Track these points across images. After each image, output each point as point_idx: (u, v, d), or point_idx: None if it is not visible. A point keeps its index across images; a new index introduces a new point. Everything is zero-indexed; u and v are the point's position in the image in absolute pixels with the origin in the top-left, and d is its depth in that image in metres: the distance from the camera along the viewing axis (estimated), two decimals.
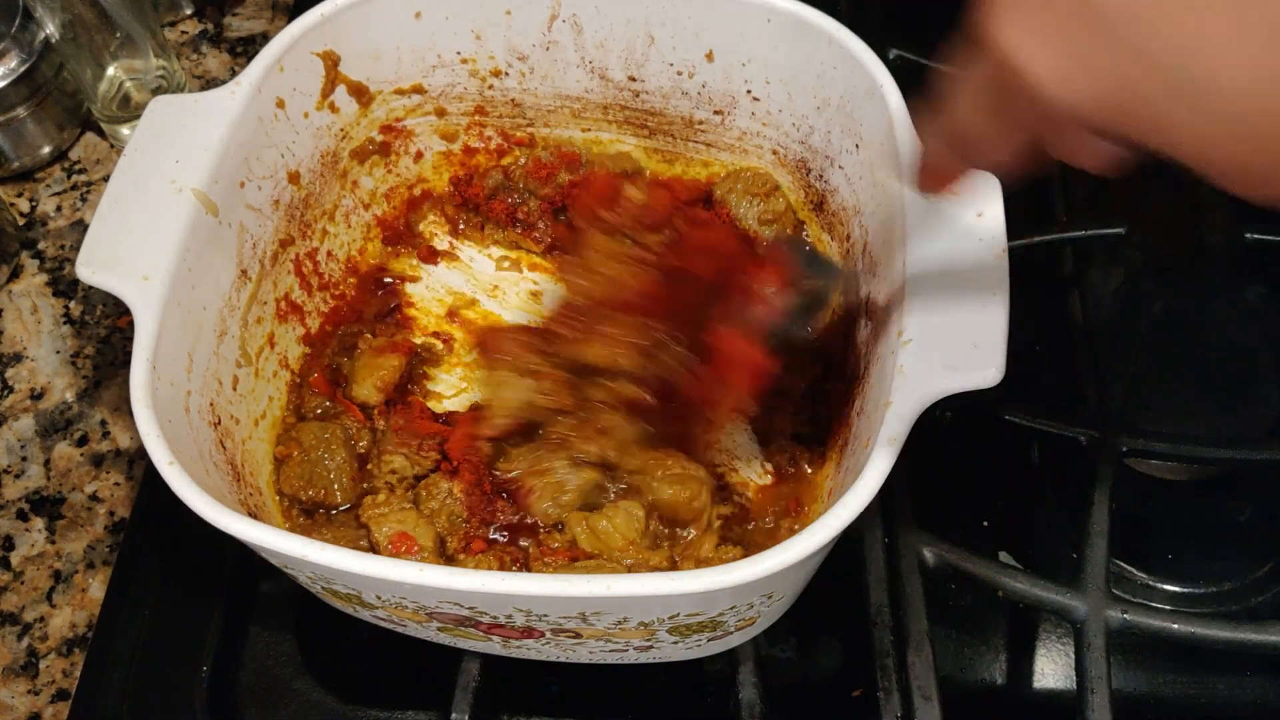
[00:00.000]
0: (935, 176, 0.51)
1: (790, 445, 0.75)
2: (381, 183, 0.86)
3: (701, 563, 0.69)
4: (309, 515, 0.74)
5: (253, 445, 0.73)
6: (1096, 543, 0.69)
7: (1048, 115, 0.40)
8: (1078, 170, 0.43)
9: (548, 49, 0.80)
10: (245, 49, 1.06)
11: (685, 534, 0.71)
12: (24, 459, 0.84)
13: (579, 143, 0.86)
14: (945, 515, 0.74)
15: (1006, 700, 0.72)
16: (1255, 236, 0.85)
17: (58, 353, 0.89)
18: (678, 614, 0.58)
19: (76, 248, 0.90)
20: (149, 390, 0.60)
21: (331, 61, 0.77)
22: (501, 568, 0.69)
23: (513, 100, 0.84)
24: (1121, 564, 0.75)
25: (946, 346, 0.59)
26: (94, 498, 0.82)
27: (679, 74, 0.80)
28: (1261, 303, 0.82)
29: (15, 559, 0.80)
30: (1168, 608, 0.72)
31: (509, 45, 0.81)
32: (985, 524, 0.78)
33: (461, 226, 0.88)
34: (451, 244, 0.87)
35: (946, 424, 0.76)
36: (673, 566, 0.69)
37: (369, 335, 0.81)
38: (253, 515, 0.65)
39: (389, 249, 0.86)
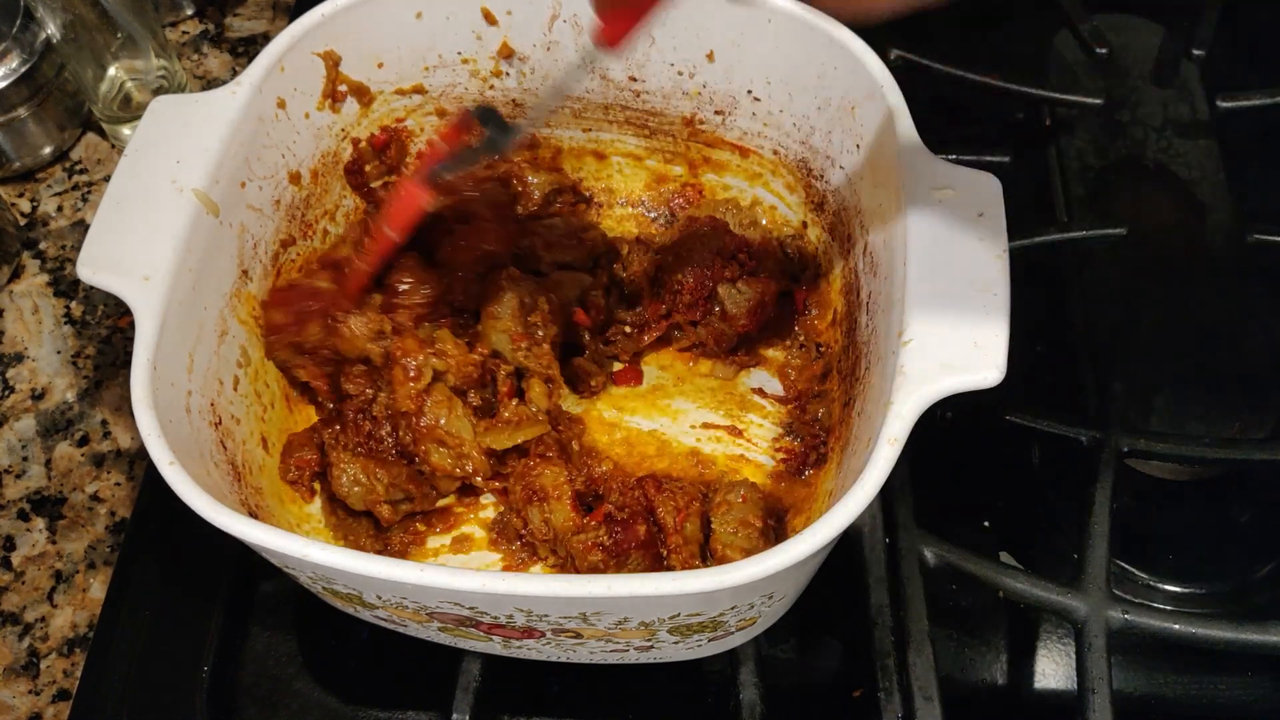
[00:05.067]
0: None
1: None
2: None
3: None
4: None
5: (253, 445, 0.73)
6: (1097, 543, 0.69)
7: None
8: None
9: (548, 49, 0.81)
10: (246, 49, 1.06)
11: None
12: (25, 459, 0.84)
13: (580, 142, 0.86)
14: (945, 515, 0.74)
15: (1007, 700, 0.72)
16: (1255, 237, 0.85)
17: (59, 353, 0.89)
18: (678, 614, 0.58)
19: (77, 248, 0.90)
20: (150, 390, 0.60)
21: (332, 61, 0.77)
22: None
23: (514, 100, 0.84)
24: (1122, 564, 0.75)
25: (946, 346, 0.59)
26: (95, 498, 0.82)
27: (680, 74, 0.80)
28: (1262, 303, 0.82)
29: (16, 559, 0.80)
30: (1168, 608, 0.72)
31: (510, 45, 0.80)
32: (986, 524, 0.78)
33: None
34: None
35: (946, 424, 0.76)
36: None
37: None
38: (253, 515, 0.65)
39: None
